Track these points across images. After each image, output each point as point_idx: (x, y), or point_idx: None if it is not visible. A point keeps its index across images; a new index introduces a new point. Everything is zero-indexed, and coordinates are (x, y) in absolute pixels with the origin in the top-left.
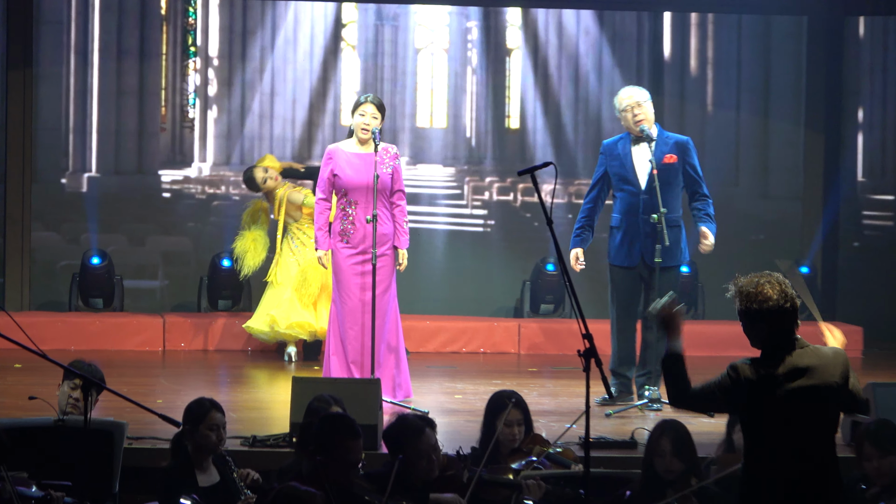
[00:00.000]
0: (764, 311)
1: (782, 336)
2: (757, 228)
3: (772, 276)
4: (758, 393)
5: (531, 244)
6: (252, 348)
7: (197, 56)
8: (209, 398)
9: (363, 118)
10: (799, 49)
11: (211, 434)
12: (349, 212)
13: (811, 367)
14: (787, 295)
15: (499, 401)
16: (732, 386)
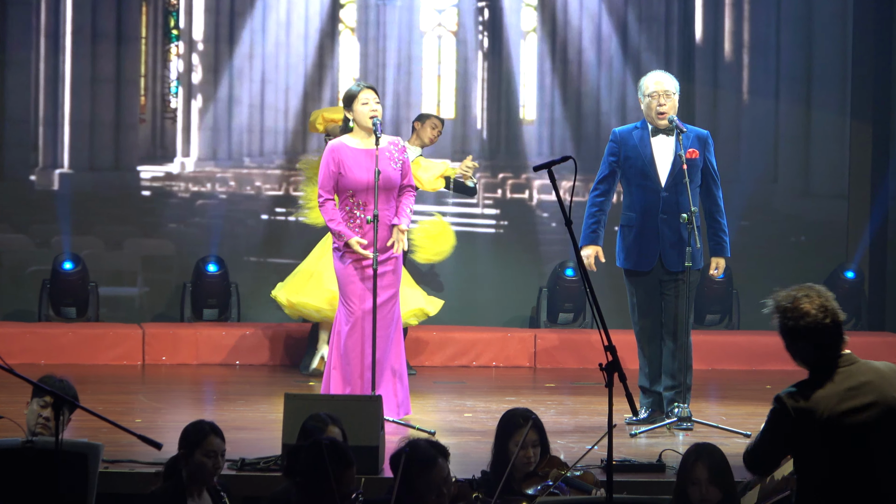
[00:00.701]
0: (801, 327)
1: (826, 354)
2: (797, 230)
3: (812, 288)
4: (807, 422)
5: (548, 247)
6: (240, 362)
7: (179, 40)
8: (209, 421)
9: (367, 106)
10: (844, 31)
11: (207, 461)
12: (357, 214)
13: (865, 383)
14: (826, 309)
15: (512, 420)
16: (781, 420)
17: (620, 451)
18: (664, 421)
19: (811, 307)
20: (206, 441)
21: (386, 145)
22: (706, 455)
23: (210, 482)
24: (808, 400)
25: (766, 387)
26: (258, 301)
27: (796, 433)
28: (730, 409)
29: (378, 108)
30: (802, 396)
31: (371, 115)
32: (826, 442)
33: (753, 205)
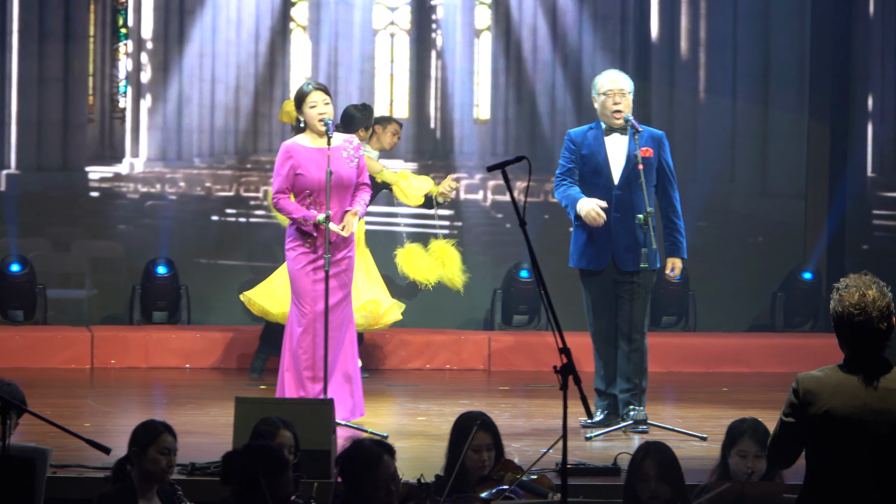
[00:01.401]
0: (837, 314)
1: (857, 349)
2: (755, 230)
3: (873, 281)
4: (810, 406)
5: (503, 248)
6: (190, 365)
7: (128, 38)
8: (161, 420)
9: (315, 109)
10: (802, 29)
11: (161, 458)
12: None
13: (890, 389)
14: (864, 305)
15: (465, 423)
16: (792, 400)
17: (575, 454)
18: (620, 424)
19: (851, 297)
20: (160, 438)
21: (340, 143)
22: (655, 452)
23: (164, 480)
24: (819, 384)
25: (723, 389)
26: (209, 303)
27: (800, 417)
28: (686, 412)
29: (327, 109)
30: (816, 380)
31: (319, 118)
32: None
33: (710, 205)
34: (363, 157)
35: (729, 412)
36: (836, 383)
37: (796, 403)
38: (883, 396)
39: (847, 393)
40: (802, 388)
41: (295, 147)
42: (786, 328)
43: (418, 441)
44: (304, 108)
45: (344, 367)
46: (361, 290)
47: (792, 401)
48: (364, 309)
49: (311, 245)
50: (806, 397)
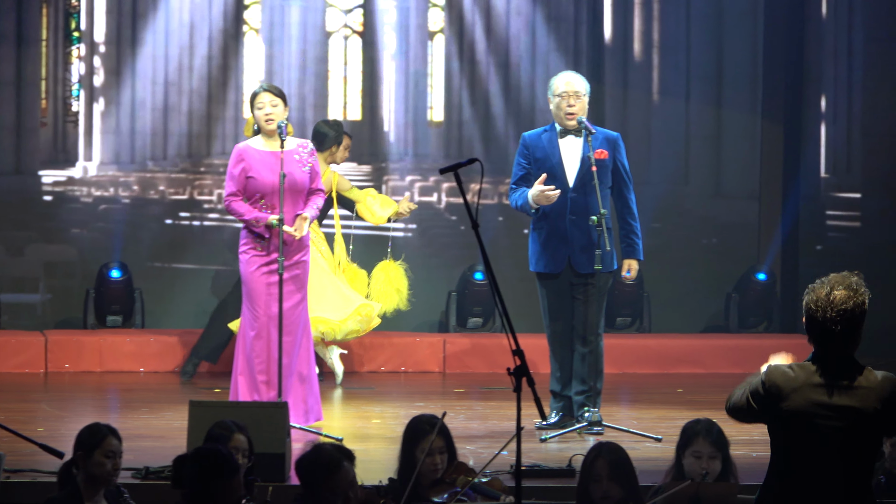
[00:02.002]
0: (804, 307)
1: (818, 346)
2: (709, 231)
3: (851, 282)
4: (772, 398)
5: (457, 251)
6: (144, 369)
7: (81, 42)
8: (106, 423)
9: (261, 111)
10: (755, 30)
11: (106, 462)
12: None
13: (853, 386)
14: (825, 304)
15: (417, 426)
16: (762, 391)
17: (530, 456)
18: (574, 425)
19: (816, 294)
20: (105, 442)
21: (294, 147)
22: (607, 452)
23: (110, 484)
24: (786, 379)
25: (678, 390)
26: (163, 307)
27: (762, 407)
28: (641, 413)
29: (274, 111)
30: (783, 375)
31: (265, 118)
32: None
33: (664, 206)
34: (317, 163)
35: (684, 413)
36: (802, 380)
37: (762, 394)
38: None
39: (810, 389)
40: (769, 381)
41: (247, 150)
42: (740, 329)
43: (373, 444)
44: (253, 109)
45: (299, 370)
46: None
47: (759, 390)
48: (358, 314)
49: (263, 248)
50: (771, 390)
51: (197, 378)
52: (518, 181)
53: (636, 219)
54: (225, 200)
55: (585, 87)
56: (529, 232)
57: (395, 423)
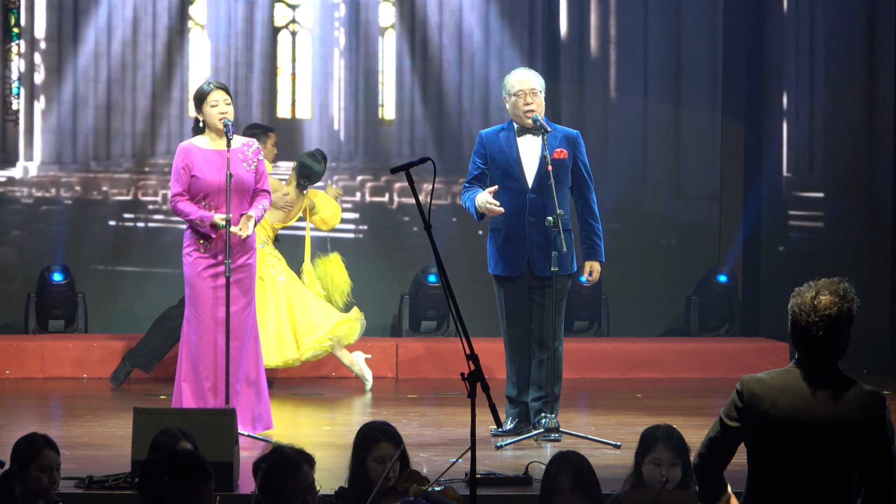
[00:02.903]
0: (789, 311)
1: (801, 351)
2: (668, 232)
3: (839, 288)
4: (753, 410)
5: (410, 252)
6: (87, 375)
7: (20, 38)
8: (42, 434)
9: (216, 108)
10: (714, 26)
11: (43, 476)
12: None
13: (835, 396)
14: (808, 309)
15: (368, 433)
16: (733, 402)
17: (485, 464)
18: (531, 432)
19: (800, 298)
20: (41, 455)
21: (239, 146)
22: (569, 463)
23: (48, 497)
24: (763, 387)
25: (637, 395)
26: (106, 311)
27: (744, 420)
28: (599, 419)
29: (228, 110)
30: (760, 382)
31: (220, 117)
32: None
33: (622, 206)
34: (263, 163)
35: (643, 419)
36: (781, 386)
37: (740, 406)
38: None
39: (791, 396)
40: (747, 391)
41: (191, 148)
42: (701, 332)
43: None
44: (205, 107)
45: (247, 376)
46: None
47: (735, 403)
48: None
49: (208, 249)
50: (751, 399)
51: (137, 383)
52: (472, 180)
53: (598, 219)
54: (171, 200)
55: (541, 83)
56: (488, 233)
57: (347, 431)
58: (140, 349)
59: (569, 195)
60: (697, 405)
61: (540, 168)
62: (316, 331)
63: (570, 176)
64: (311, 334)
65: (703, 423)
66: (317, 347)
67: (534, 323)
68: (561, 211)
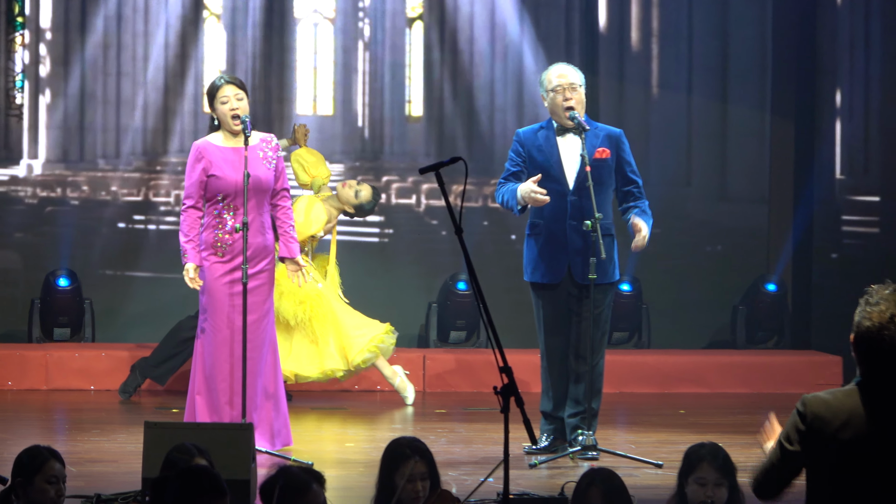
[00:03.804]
0: (861, 330)
1: (876, 371)
2: (714, 238)
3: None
4: (817, 432)
5: (439, 258)
6: (95, 387)
7: (25, 28)
8: (46, 446)
9: (227, 105)
10: (763, 19)
11: (49, 488)
12: (227, 219)
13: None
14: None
15: (397, 450)
16: (802, 427)
17: (518, 483)
18: (567, 450)
19: (874, 311)
20: (47, 466)
21: (257, 143)
22: (601, 480)
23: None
24: (829, 409)
25: (680, 411)
26: (115, 319)
27: (807, 445)
28: (639, 437)
29: (240, 105)
30: (825, 404)
31: (232, 113)
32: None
33: (665, 210)
34: (282, 160)
35: (686, 436)
36: (849, 409)
37: (803, 430)
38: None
39: (860, 419)
40: (811, 413)
41: (207, 146)
42: (748, 345)
43: (346, 469)
44: (216, 103)
45: (265, 389)
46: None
47: (798, 426)
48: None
49: (226, 253)
50: (815, 423)
51: (148, 396)
52: (508, 177)
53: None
54: (182, 204)
55: (581, 77)
56: (525, 238)
57: (371, 447)
58: (152, 360)
59: (612, 198)
60: (744, 422)
61: (580, 169)
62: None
63: (613, 177)
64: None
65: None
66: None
67: (573, 334)
68: (600, 214)
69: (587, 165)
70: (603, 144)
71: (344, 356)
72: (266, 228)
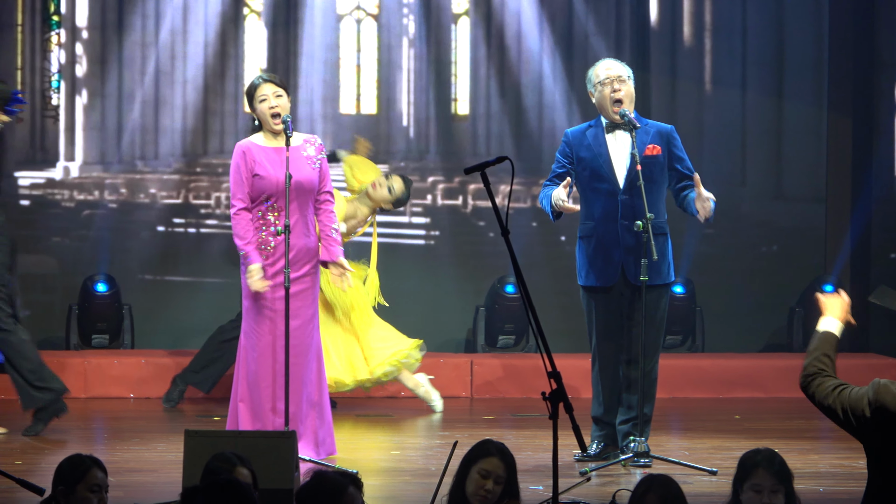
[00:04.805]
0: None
1: None
2: (769, 238)
3: None
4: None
5: (486, 260)
6: (134, 395)
7: (61, 27)
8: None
9: (265, 103)
10: (820, 11)
11: (91, 497)
12: (271, 220)
13: None
14: None
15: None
16: (867, 413)
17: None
18: (619, 457)
19: None
20: (89, 475)
21: (301, 143)
22: (658, 486)
23: None
24: None
25: (735, 417)
26: (154, 325)
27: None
28: (693, 443)
29: (279, 103)
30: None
31: (271, 111)
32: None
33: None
34: (326, 161)
35: (741, 443)
36: None
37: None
38: None
39: None
40: (878, 402)
41: (250, 146)
42: (805, 348)
43: (392, 478)
44: (255, 102)
45: (309, 397)
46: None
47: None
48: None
49: (269, 256)
50: (878, 415)
51: (189, 403)
52: (554, 178)
53: None
54: (231, 207)
55: (628, 71)
56: (577, 240)
57: (416, 455)
58: (193, 365)
59: (665, 196)
60: (801, 427)
61: (631, 167)
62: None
63: (665, 174)
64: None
65: (808, 446)
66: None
67: (626, 339)
68: (651, 214)
69: (638, 164)
70: (653, 141)
71: (367, 366)
72: (310, 230)
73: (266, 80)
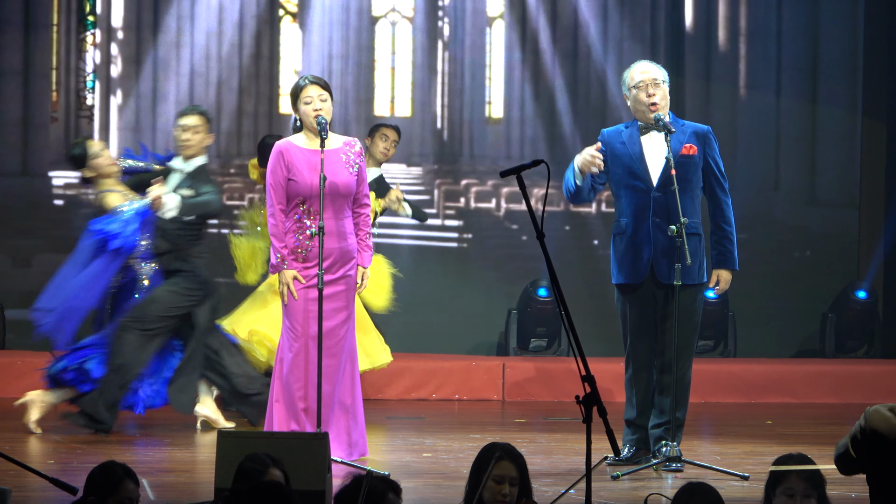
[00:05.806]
0: None
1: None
2: (802, 243)
3: None
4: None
5: (519, 263)
6: None
7: (96, 27)
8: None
9: (310, 105)
10: (854, 17)
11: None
12: (306, 224)
13: None
14: None
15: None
16: (859, 437)
17: (600, 495)
18: (650, 461)
19: None
20: (122, 487)
21: (340, 146)
22: (700, 494)
23: None
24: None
25: (767, 422)
26: None
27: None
28: (725, 448)
29: (324, 106)
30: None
31: (315, 113)
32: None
33: (752, 215)
34: (364, 165)
35: (773, 448)
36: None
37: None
38: None
39: None
40: (869, 427)
41: (289, 147)
42: (837, 354)
43: (423, 480)
44: (299, 104)
45: (342, 399)
46: None
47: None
48: None
49: (306, 259)
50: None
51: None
52: None
53: (731, 223)
54: (268, 208)
55: (664, 74)
56: (611, 238)
57: (448, 458)
58: None
59: (699, 196)
60: (832, 433)
61: (665, 167)
62: None
63: (700, 175)
64: None
65: None
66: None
67: (659, 341)
68: (685, 219)
69: (672, 169)
70: (689, 141)
71: None
72: (348, 234)
73: (312, 82)
